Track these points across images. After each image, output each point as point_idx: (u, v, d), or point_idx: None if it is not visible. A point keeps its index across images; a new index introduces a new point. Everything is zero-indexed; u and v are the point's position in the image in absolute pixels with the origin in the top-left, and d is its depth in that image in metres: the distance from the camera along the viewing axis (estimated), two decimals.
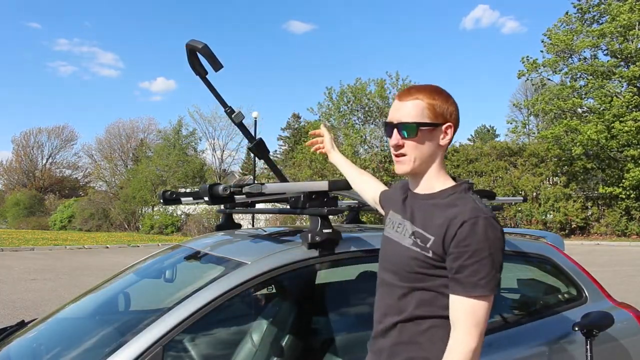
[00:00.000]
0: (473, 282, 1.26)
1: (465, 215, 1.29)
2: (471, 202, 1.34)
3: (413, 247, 1.38)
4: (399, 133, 1.40)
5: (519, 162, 22.45)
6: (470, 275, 1.26)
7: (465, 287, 1.27)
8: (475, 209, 1.31)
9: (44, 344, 2.11)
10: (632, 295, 6.33)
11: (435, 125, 1.40)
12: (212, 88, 2.37)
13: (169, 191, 2.19)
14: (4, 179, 47.56)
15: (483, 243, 1.26)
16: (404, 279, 1.39)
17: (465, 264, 1.26)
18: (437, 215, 1.35)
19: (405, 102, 1.41)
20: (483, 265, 1.25)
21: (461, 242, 1.27)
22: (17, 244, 18.21)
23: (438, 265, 1.33)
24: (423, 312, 1.36)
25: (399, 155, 1.42)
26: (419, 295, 1.36)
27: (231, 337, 2.26)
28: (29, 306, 7.16)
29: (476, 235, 1.26)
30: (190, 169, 29.87)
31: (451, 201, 1.37)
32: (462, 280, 1.27)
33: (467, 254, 1.26)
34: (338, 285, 2.56)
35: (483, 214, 1.29)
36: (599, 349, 2.06)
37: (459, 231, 1.28)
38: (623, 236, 20.16)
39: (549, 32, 22.35)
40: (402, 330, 1.39)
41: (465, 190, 1.40)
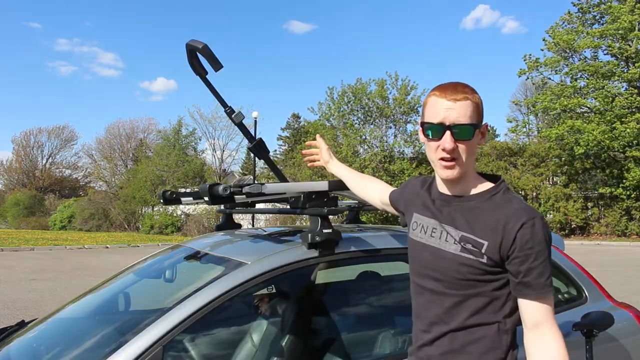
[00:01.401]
0: (542, 284, 1.27)
1: (523, 217, 1.28)
2: (519, 202, 1.34)
3: (463, 254, 1.32)
4: (452, 135, 1.30)
5: (519, 162, 22.45)
6: (538, 277, 1.27)
7: (536, 290, 1.27)
8: (529, 210, 1.31)
9: (44, 344, 2.11)
10: (632, 295, 6.33)
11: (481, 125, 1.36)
12: (212, 88, 2.37)
13: (169, 191, 2.19)
14: (4, 179, 47.61)
15: (544, 244, 1.28)
16: (453, 287, 1.35)
17: (532, 266, 1.27)
18: (487, 219, 1.32)
19: (458, 102, 1.31)
20: (546, 266, 1.28)
21: (525, 245, 1.26)
22: (17, 244, 18.21)
23: (492, 270, 1.31)
24: (476, 320, 1.33)
25: (450, 160, 1.32)
26: (472, 302, 1.33)
27: (231, 337, 2.26)
28: (29, 306, 7.16)
29: (537, 236, 1.27)
30: (190, 169, 29.87)
31: (498, 202, 1.34)
32: (531, 283, 1.27)
33: (532, 257, 1.27)
34: (338, 285, 2.56)
35: (537, 214, 1.30)
36: (599, 349, 2.06)
37: (520, 234, 1.27)
38: (623, 236, 20.16)
39: (552, 30, 22.36)
40: (453, 339, 1.35)
41: (506, 190, 1.38)
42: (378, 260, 2.17)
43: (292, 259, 1.86)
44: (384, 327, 2.15)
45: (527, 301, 1.29)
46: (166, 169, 29.52)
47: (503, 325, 1.33)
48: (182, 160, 30.09)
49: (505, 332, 1.34)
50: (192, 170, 30.00)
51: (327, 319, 2.28)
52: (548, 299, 1.29)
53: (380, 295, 2.48)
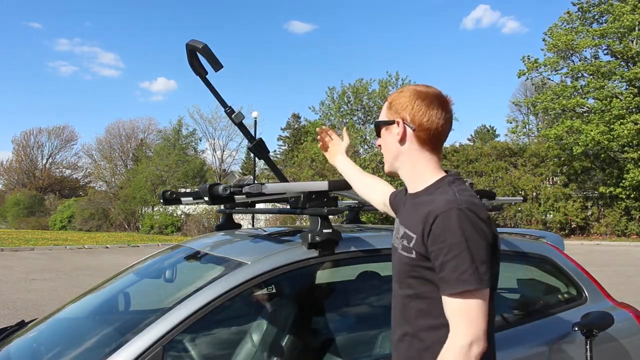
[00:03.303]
0: (456, 278, 1.19)
1: (439, 209, 1.23)
2: (448, 194, 1.27)
3: (403, 252, 1.33)
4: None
5: (519, 163, 22.45)
6: (452, 271, 1.19)
7: (450, 285, 1.20)
8: (449, 201, 1.24)
9: (44, 344, 2.11)
10: (632, 295, 6.33)
11: (389, 122, 1.40)
12: (212, 88, 2.37)
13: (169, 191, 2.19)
14: (4, 179, 47.60)
15: (459, 236, 1.19)
16: (402, 287, 1.35)
17: (445, 260, 1.20)
18: (418, 213, 1.30)
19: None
20: (462, 259, 1.18)
21: (437, 239, 1.21)
22: (17, 244, 18.20)
23: (424, 266, 1.27)
24: (424, 323, 1.30)
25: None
26: (416, 304, 1.31)
27: (231, 337, 2.26)
28: (29, 306, 7.16)
29: (450, 228, 1.20)
30: (190, 169, 29.87)
31: (433, 196, 1.31)
32: (446, 278, 1.20)
33: (445, 250, 1.20)
34: (338, 285, 2.56)
35: (457, 205, 1.22)
36: (599, 349, 2.06)
37: (434, 227, 1.22)
38: (623, 236, 20.16)
39: (550, 30, 22.35)
40: (411, 344, 1.33)
41: (449, 183, 1.33)
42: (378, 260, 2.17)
43: (292, 259, 1.86)
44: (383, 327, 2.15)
45: (444, 298, 1.22)
46: (166, 169, 29.52)
47: None
48: (182, 160, 30.10)
49: None
50: (192, 170, 30.01)
51: (327, 319, 2.28)
52: (464, 295, 1.19)
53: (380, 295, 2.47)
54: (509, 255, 2.35)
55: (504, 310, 2.34)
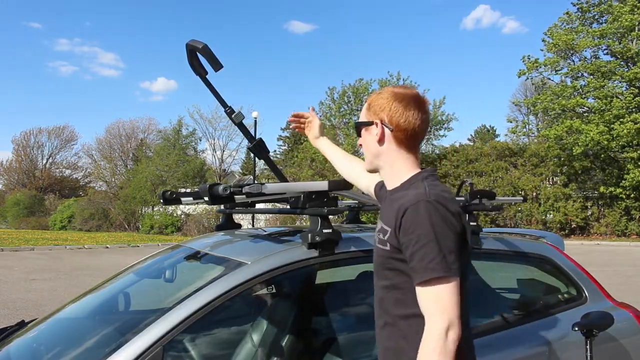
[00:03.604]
0: (424, 267, 1.24)
1: (408, 202, 1.30)
2: (420, 188, 1.34)
3: (379, 245, 1.41)
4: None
5: (519, 163, 22.45)
6: (420, 260, 1.25)
7: (419, 274, 1.25)
8: (419, 194, 1.31)
9: (44, 344, 2.11)
10: (632, 295, 6.33)
11: (369, 123, 1.46)
12: (212, 88, 2.37)
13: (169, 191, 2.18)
14: (4, 179, 47.60)
15: (427, 227, 1.25)
16: (379, 279, 1.42)
17: (414, 250, 1.26)
18: (392, 208, 1.37)
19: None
20: (430, 249, 1.24)
21: (407, 230, 1.28)
22: (17, 244, 18.21)
23: (398, 258, 1.33)
24: (400, 312, 1.35)
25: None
26: (392, 294, 1.37)
27: (231, 337, 2.26)
28: (29, 306, 7.16)
29: (418, 220, 1.26)
30: (190, 169, 29.87)
31: (406, 191, 1.38)
32: (415, 267, 1.26)
33: (413, 241, 1.26)
34: (338, 285, 2.56)
35: (425, 198, 1.29)
36: (599, 349, 2.06)
37: (403, 219, 1.29)
38: (623, 236, 20.16)
39: (550, 30, 22.35)
40: (390, 333, 1.39)
41: (423, 179, 1.40)
42: None
43: (292, 259, 1.86)
44: None
45: (416, 288, 1.27)
46: (166, 169, 29.52)
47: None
48: (182, 160, 30.10)
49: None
50: (192, 170, 30.01)
51: (327, 319, 2.28)
52: (433, 283, 1.24)
53: None
54: (509, 255, 2.35)
55: (504, 310, 2.34)
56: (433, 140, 24.94)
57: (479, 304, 2.36)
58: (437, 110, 24.15)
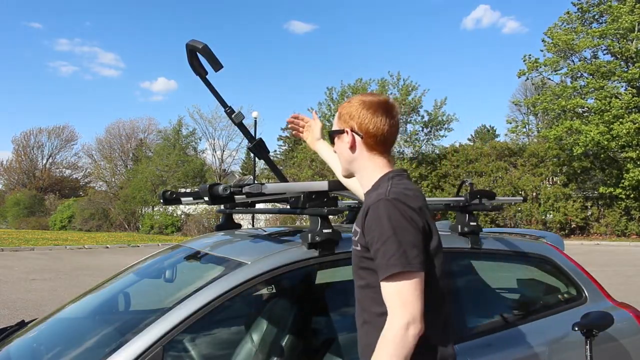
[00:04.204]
0: (384, 264, 1.27)
1: (370, 202, 1.34)
2: (382, 189, 1.38)
3: (353, 246, 1.46)
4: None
5: (519, 163, 22.45)
6: (382, 257, 1.28)
7: (381, 270, 1.28)
8: (380, 194, 1.35)
9: (44, 344, 2.11)
10: (632, 295, 6.33)
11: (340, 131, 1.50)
12: (212, 88, 2.37)
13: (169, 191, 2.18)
14: (4, 179, 47.61)
15: (385, 225, 1.28)
16: (356, 278, 1.46)
17: (377, 248, 1.30)
18: (363, 209, 1.40)
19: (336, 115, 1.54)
20: (390, 245, 1.27)
21: (369, 229, 1.32)
22: (17, 244, 18.21)
23: (367, 257, 1.37)
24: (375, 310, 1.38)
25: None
26: (367, 293, 1.41)
27: (231, 337, 2.26)
28: (29, 306, 7.16)
29: (378, 218, 1.30)
30: (190, 169, 29.87)
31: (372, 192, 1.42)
32: (378, 264, 1.29)
33: (375, 239, 1.30)
34: (338, 285, 2.56)
35: (384, 197, 1.32)
36: (599, 349, 2.06)
37: (367, 219, 1.34)
38: (623, 236, 20.16)
39: (550, 30, 22.35)
40: (367, 331, 1.42)
41: (388, 179, 1.43)
42: None
43: (292, 259, 1.86)
44: None
45: (381, 284, 1.30)
46: (166, 169, 29.52)
47: None
48: (182, 160, 30.09)
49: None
50: (192, 170, 30.00)
51: (327, 319, 2.28)
52: (394, 278, 1.26)
53: None
54: (509, 255, 2.35)
55: (504, 310, 2.34)
56: (433, 140, 24.92)
57: (479, 304, 2.36)
58: (437, 111, 24.13)
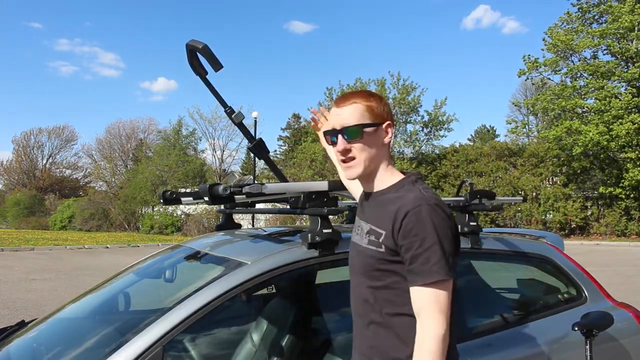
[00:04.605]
0: (427, 270, 1.26)
1: (409, 205, 1.31)
2: (416, 192, 1.36)
3: (369, 246, 1.41)
4: (343, 138, 1.41)
5: (519, 163, 22.45)
6: (423, 263, 1.27)
7: (420, 276, 1.27)
8: (418, 198, 1.32)
9: (44, 344, 2.11)
10: (632, 295, 6.33)
11: (377, 125, 1.44)
12: (212, 88, 2.37)
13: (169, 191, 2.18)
14: (4, 179, 47.60)
15: (430, 230, 1.27)
16: (366, 279, 1.42)
17: (416, 253, 1.28)
18: (387, 210, 1.37)
19: (345, 107, 1.42)
20: (434, 252, 1.27)
21: (409, 233, 1.29)
22: (17, 244, 18.21)
23: (393, 260, 1.35)
24: (389, 311, 1.37)
25: (348, 160, 1.43)
26: (382, 293, 1.38)
27: (231, 337, 2.26)
28: (29, 306, 7.15)
29: (421, 223, 1.28)
30: (190, 169, 29.86)
31: (400, 194, 1.39)
32: (416, 270, 1.28)
33: (416, 244, 1.28)
34: (338, 285, 2.56)
35: (426, 201, 1.31)
36: (599, 349, 2.06)
37: (405, 222, 1.30)
38: (623, 236, 20.16)
39: (550, 30, 22.36)
40: (375, 331, 1.40)
41: (413, 182, 1.42)
42: None
43: (292, 259, 1.86)
44: None
45: (413, 288, 1.30)
46: (166, 169, 29.51)
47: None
48: (182, 160, 30.09)
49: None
50: (192, 170, 30.00)
51: (327, 319, 2.28)
52: (435, 285, 1.27)
53: None
54: (509, 255, 2.35)
55: (504, 310, 2.34)
56: (433, 140, 24.92)
57: (479, 304, 2.36)
58: (437, 111, 24.13)
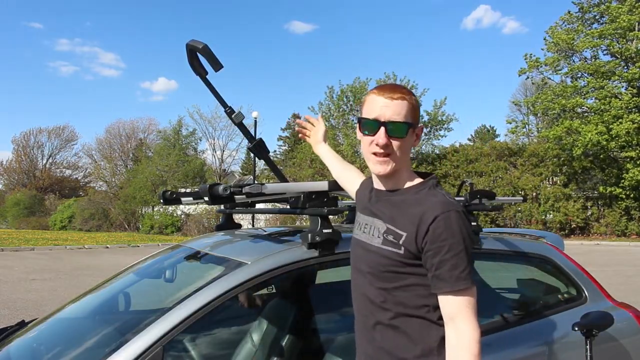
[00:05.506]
0: (456, 276, 1.26)
1: (437, 210, 1.30)
2: (441, 197, 1.35)
3: (384, 246, 1.37)
4: (386, 132, 1.36)
5: (519, 162, 22.45)
6: (451, 269, 1.27)
7: (449, 283, 1.27)
8: (446, 203, 1.32)
9: (44, 344, 2.11)
10: (632, 295, 6.33)
11: (417, 126, 1.42)
12: (212, 88, 2.37)
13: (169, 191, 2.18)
14: (4, 179, 47.58)
15: (458, 236, 1.27)
16: (378, 279, 1.39)
17: (444, 259, 1.27)
18: (409, 211, 1.35)
19: (395, 100, 1.37)
20: (461, 259, 1.27)
21: (437, 238, 1.28)
22: (17, 244, 18.20)
23: (410, 262, 1.33)
24: (401, 312, 1.36)
25: (383, 155, 1.38)
26: (395, 294, 1.36)
27: (231, 337, 2.26)
28: (29, 306, 7.16)
29: (450, 229, 1.27)
30: (190, 169, 29.86)
31: (422, 197, 1.37)
32: (444, 276, 1.27)
33: (444, 249, 1.27)
34: (338, 285, 2.56)
35: (454, 208, 1.31)
36: (599, 349, 2.06)
37: (433, 226, 1.28)
38: (623, 236, 20.16)
39: (551, 30, 22.36)
40: (382, 332, 1.39)
41: (434, 186, 1.40)
42: None
43: (292, 259, 1.86)
44: None
45: (442, 296, 1.29)
46: (166, 169, 29.51)
47: (431, 317, 1.34)
48: (182, 160, 30.08)
49: (434, 325, 1.34)
50: (192, 170, 29.99)
51: (327, 319, 2.28)
52: (465, 292, 1.28)
53: None
54: (509, 255, 2.35)
55: (504, 310, 2.34)
56: (433, 140, 24.92)
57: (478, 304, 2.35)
58: (437, 111, 24.13)
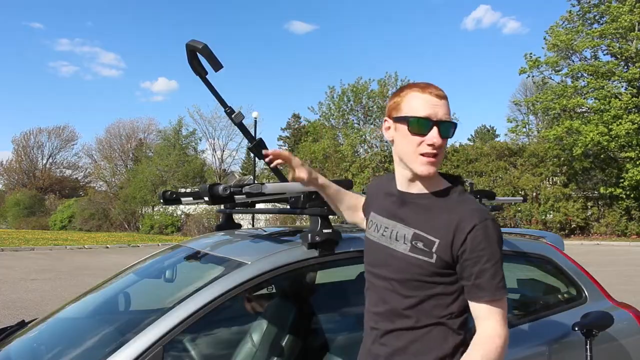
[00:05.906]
0: (495, 286, 1.27)
1: (475, 219, 1.27)
2: (474, 204, 1.34)
3: (412, 254, 1.32)
4: (439, 131, 1.30)
5: (519, 162, 22.45)
6: (491, 278, 1.27)
7: (489, 292, 1.27)
8: (482, 211, 1.31)
9: (44, 344, 2.11)
10: (632, 295, 6.33)
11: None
12: (212, 88, 2.37)
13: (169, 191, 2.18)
14: (4, 179, 47.57)
15: (495, 246, 1.28)
16: (401, 286, 1.35)
17: (484, 268, 1.26)
18: (441, 217, 1.31)
19: (442, 100, 1.32)
20: (499, 268, 1.28)
21: (476, 247, 1.26)
22: (17, 244, 18.20)
23: (440, 272, 1.30)
24: (422, 319, 1.33)
25: (433, 155, 1.31)
26: (418, 301, 1.33)
27: (231, 337, 2.26)
28: (29, 306, 7.15)
29: (489, 238, 1.27)
30: (190, 169, 29.86)
31: (452, 203, 1.33)
32: (484, 285, 1.27)
33: (484, 258, 1.26)
34: (338, 285, 2.56)
35: (490, 217, 1.30)
36: (599, 349, 2.06)
37: (471, 235, 1.26)
38: (623, 236, 20.16)
39: (552, 29, 22.36)
40: (399, 337, 1.35)
41: (462, 191, 1.38)
42: None
43: (292, 259, 1.86)
44: None
45: (480, 304, 1.29)
46: (166, 169, 29.51)
47: (451, 325, 1.33)
48: (182, 160, 30.09)
49: (452, 332, 1.33)
50: (192, 170, 29.99)
51: (327, 319, 2.28)
52: (501, 302, 1.29)
53: None
54: (509, 255, 2.35)
55: None
56: None
57: None
58: None
